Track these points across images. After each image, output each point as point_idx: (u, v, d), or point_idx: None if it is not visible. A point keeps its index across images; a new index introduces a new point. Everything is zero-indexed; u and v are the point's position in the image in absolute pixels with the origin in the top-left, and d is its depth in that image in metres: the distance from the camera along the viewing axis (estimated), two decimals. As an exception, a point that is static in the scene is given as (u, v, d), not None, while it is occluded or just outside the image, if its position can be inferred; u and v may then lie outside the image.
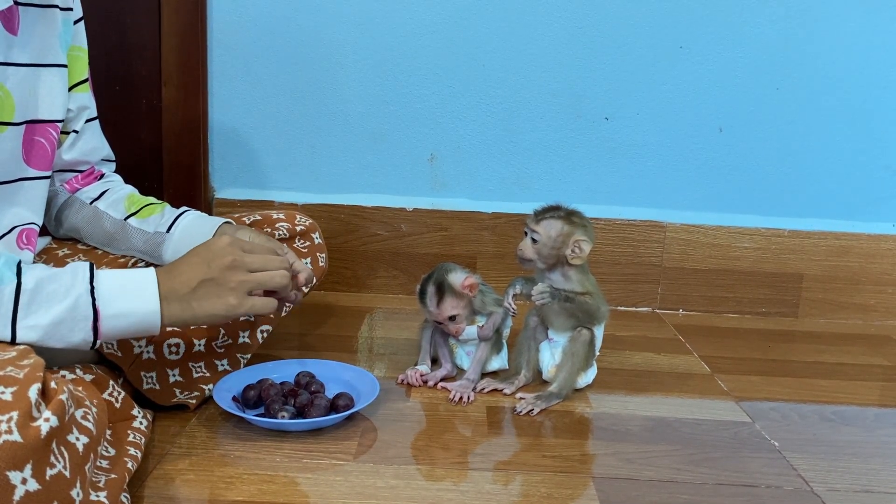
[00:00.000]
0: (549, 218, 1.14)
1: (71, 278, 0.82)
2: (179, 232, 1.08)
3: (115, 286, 0.84)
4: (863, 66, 1.65)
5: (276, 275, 0.93)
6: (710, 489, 0.93)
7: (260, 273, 0.92)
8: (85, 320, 0.82)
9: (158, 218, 1.10)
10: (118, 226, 1.10)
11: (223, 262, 0.89)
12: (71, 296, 0.81)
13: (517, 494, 0.90)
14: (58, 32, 1.01)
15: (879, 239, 1.70)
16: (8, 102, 0.94)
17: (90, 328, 0.82)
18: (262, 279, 0.92)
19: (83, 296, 0.82)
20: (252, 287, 0.91)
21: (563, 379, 1.16)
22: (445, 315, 1.17)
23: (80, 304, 0.81)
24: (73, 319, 0.81)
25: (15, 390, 0.63)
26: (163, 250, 1.07)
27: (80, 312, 0.81)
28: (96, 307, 0.82)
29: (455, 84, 1.65)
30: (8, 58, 0.93)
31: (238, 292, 0.89)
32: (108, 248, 1.11)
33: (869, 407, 1.24)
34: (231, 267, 0.89)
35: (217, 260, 0.89)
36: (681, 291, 1.72)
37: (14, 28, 0.94)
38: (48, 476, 0.62)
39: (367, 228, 1.69)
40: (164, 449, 0.95)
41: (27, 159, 0.98)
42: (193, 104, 1.63)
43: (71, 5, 1.05)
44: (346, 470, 0.92)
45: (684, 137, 1.68)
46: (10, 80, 0.94)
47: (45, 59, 1.00)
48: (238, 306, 0.89)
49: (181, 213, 1.11)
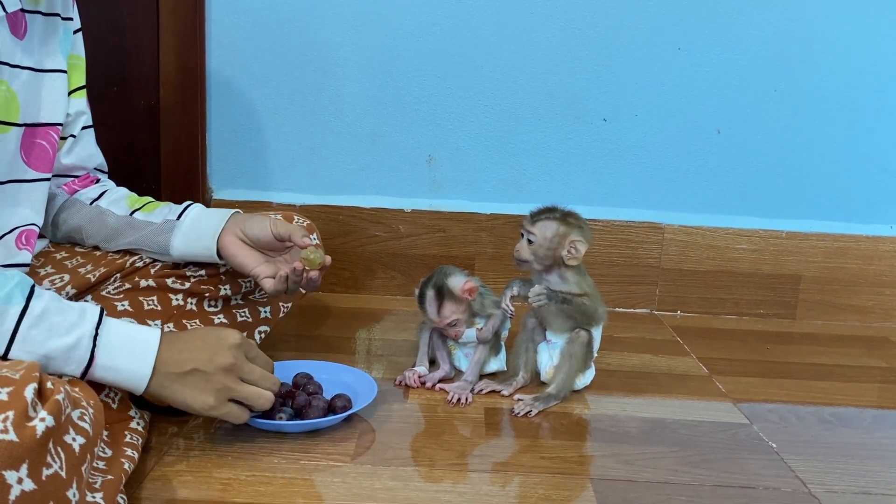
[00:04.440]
0: (544, 219, 1.14)
1: (78, 317, 0.82)
2: (190, 220, 1.09)
3: (118, 339, 0.84)
4: (861, 68, 1.65)
5: (263, 395, 0.93)
6: (708, 490, 0.93)
7: (249, 388, 0.92)
8: (79, 363, 0.82)
9: (165, 210, 1.11)
10: (123, 220, 1.10)
11: (222, 363, 0.89)
12: (73, 334, 0.81)
13: (515, 496, 0.90)
14: (59, 40, 1.04)
15: (877, 241, 1.71)
16: (14, 103, 0.95)
17: (81, 371, 0.82)
18: (248, 394, 0.91)
19: (85, 339, 0.82)
20: (236, 397, 0.91)
21: (561, 380, 1.16)
22: (445, 320, 1.17)
23: (80, 345, 0.82)
24: (67, 359, 0.81)
25: (11, 390, 0.63)
26: (171, 237, 1.07)
27: (77, 354, 0.81)
28: (94, 354, 0.82)
29: (453, 85, 1.65)
30: (14, 60, 0.95)
31: (221, 395, 0.89)
32: (109, 245, 1.11)
33: (867, 408, 1.24)
34: (227, 370, 0.89)
35: (219, 357, 0.89)
36: (679, 293, 1.72)
37: (20, 33, 0.96)
38: (44, 476, 0.62)
39: (366, 230, 1.69)
40: (161, 450, 0.95)
41: (27, 161, 0.99)
42: (191, 105, 1.63)
43: (71, 15, 1.07)
44: (343, 471, 0.92)
45: (682, 139, 1.68)
46: (15, 81, 0.95)
47: (48, 65, 1.02)
48: (214, 408, 0.89)
49: (189, 204, 1.12)
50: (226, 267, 1.12)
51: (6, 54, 0.93)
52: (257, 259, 1.07)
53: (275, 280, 1.05)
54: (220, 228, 1.07)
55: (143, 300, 1.07)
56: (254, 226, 1.06)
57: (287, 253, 1.10)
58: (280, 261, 1.09)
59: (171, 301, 1.08)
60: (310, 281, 1.06)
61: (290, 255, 1.10)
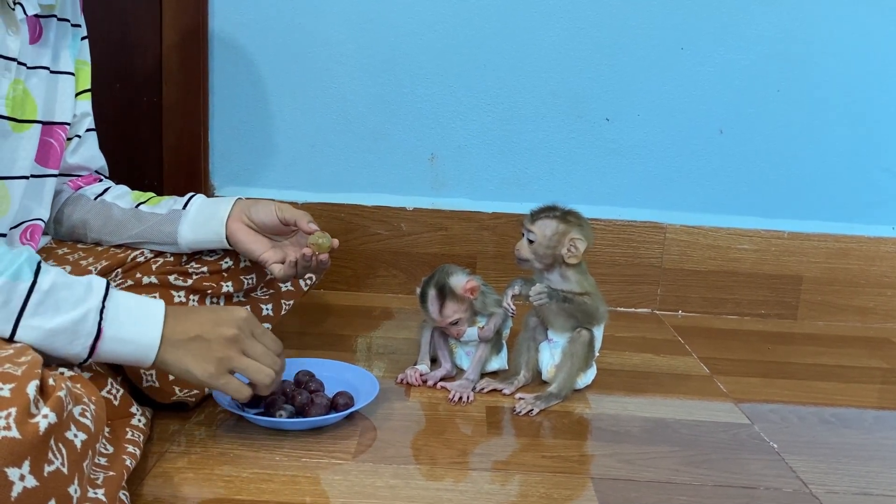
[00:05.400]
0: (544, 218, 1.14)
1: (85, 291, 0.82)
2: (196, 208, 1.10)
3: (124, 310, 0.84)
4: (863, 69, 1.65)
5: (263, 370, 0.92)
6: (709, 490, 0.93)
7: (250, 361, 0.91)
8: (87, 336, 0.82)
9: (170, 202, 1.12)
10: (129, 213, 1.12)
11: (225, 333, 0.89)
12: (80, 308, 0.81)
13: (516, 494, 0.90)
14: (68, 44, 1.07)
15: (879, 241, 1.70)
16: (29, 102, 0.98)
17: (89, 345, 0.82)
18: (248, 366, 0.91)
19: (92, 312, 0.82)
20: (236, 368, 0.90)
21: (563, 379, 1.16)
22: (447, 319, 1.17)
23: (87, 318, 0.81)
24: (75, 333, 0.81)
25: (13, 387, 0.63)
26: (178, 226, 1.09)
27: (85, 328, 0.81)
28: (101, 326, 0.82)
29: (456, 84, 1.65)
30: (30, 61, 0.98)
31: (221, 365, 0.89)
32: (113, 238, 1.12)
33: (868, 409, 1.24)
34: (229, 340, 0.89)
35: (222, 327, 0.89)
36: (680, 293, 1.72)
37: (36, 35, 1.00)
38: (46, 473, 0.62)
39: (367, 228, 1.69)
40: (163, 447, 0.95)
41: (38, 157, 1.01)
42: (194, 102, 1.63)
43: (80, 22, 1.11)
44: (345, 469, 0.92)
45: (685, 139, 1.68)
46: (31, 81, 0.99)
47: (59, 67, 1.05)
48: (214, 376, 0.89)
49: (192, 195, 1.13)
50: (229, 264, 1.13)
51: (24, 55, 0.96)
52: (264, 244, 1.08)
53: (284, 266, 1.07)
54: (227, 213, 1.08)
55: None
56: (259, 211, 1.08)
57: (293, 237, 1.11)
58: (286, 245, 1.11)
59: (173, 298, 1.08)
60: (320, 263, 1.08)
61: (296, 238, 1.11)
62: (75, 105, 1.10)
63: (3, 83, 0.93)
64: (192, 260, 1.12)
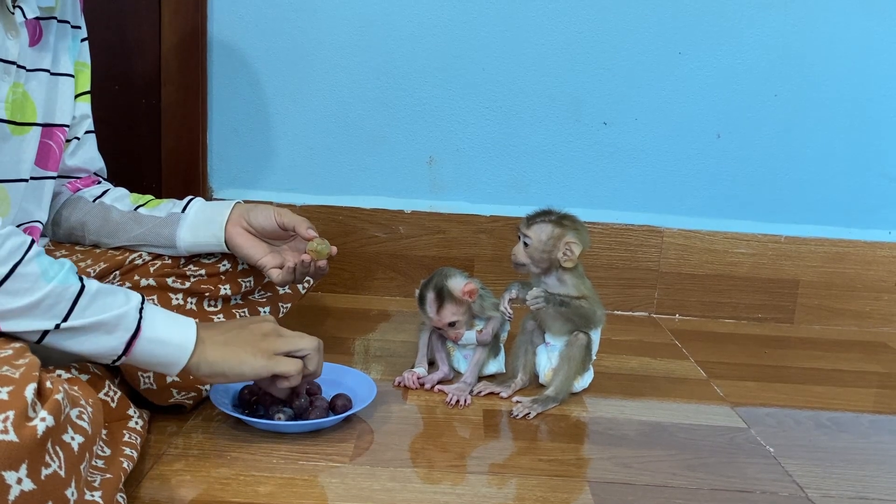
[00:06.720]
0: (539, 222, 1.14)
1: (125, 297, 0.86)
2: (195, 211, 1.11)
3: (161, 315, 0.88)
4: (861, 74, 1.65)
5: (306, 337, 0.97)
6: (706, 494, 0.94)
7: (292, 334, 0.98)
8: (125, 331, 0.84)
9: (169, 205, 1.13)
10: (127, 216, 1.12)
11: (261, 329, 0.95)
12: (121, 308, 0.84)
13: (513, 498, 0.90)
14: (68, 46, 1.07)
15: (876, 246, 1.71)
16: (29, 104, 0.98)
17: (126, 340, 0.84)
18: (292, 339, 0.97)
19: (132, 310, 0.85)
20: (279, 348, 0.95)
21: (560, 383, 1.16)
22: (445, 322, 1.17)
23: (128, 315, 0.85)
24: (116, 326, 0.84)
25: (11, 390, 0.63)
26: (177, 229, 1.09)
27: (125, 323, 0.84)
28: (140, 325, 0.85)
29: (454, 87, 1.66)
30: (30, 64, 0.99)
31: (267, 348, 0.94)
32: (111, 240, 1.12)
33: (864, 413, 1.24)
34: (266, 334, 0.95)
35: (255, 324, 0.95)
36: (677, 296, 1.72)
37: (36, 38, 1.00)
38: (43, 475, 0.62)
39: (365, 230, 1.69)
40: (160, 449, 0.95)
41: (37, 159, 1.01)
42: (193, 104, 1.63)
43: (80, 24, 1.11)
44: (342, 472, 0.92)
45: (682, 143, 1.68)
46: (31, 84, 0.99)
47: (59, 69, 1.06)
48: (266, 366, 0.93)
49: (191, 198, 1.14)
50: (227, 267, 1.13)
51: (23, 58, 0.96)
52: (263, 249, 1.09)
53: (282, 271, 1.08)
54: (226, 217, 1.09)
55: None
56: (258, 215, 1.09)
57: (291, 242, 1.12)
58: (284, 250, 1.11)
59: (171, 300, 1.09)
60: (318, 269, 1.09)
61: (294, 244, 1.12)
62: (75, 107, 1.10)
63: (2, 87, 0.93)
64: (190, 263, 1.12)
